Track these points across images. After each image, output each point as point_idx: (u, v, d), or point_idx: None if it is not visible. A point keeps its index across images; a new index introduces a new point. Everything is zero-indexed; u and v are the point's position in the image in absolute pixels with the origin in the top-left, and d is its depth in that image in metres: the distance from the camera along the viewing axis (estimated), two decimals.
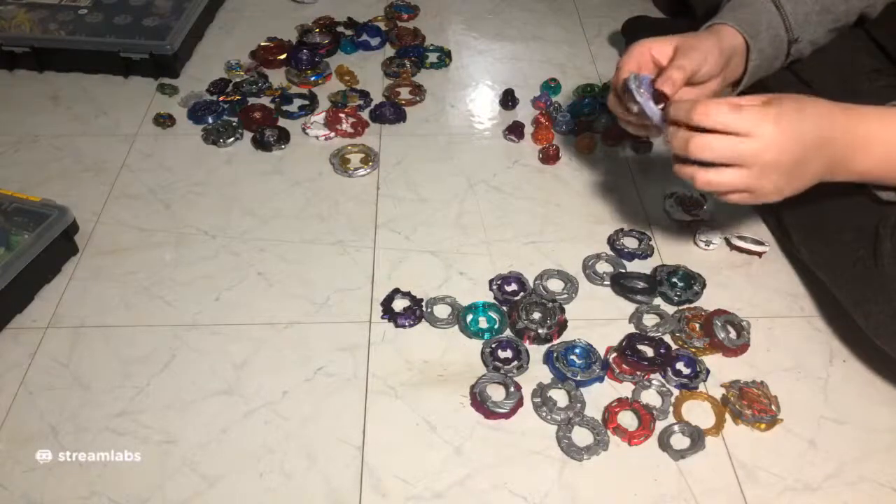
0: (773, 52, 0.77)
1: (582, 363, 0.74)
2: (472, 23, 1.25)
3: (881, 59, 0.84)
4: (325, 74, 1.12)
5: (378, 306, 0.80)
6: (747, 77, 0.77)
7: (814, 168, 0.64)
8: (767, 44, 0.76)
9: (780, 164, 0.62)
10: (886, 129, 0.64)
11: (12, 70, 1.13)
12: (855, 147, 0.64)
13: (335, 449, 0.68)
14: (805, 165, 0.63)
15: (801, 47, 0.78)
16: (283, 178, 0.96)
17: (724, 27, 0.75)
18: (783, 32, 0.76)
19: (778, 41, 0.77)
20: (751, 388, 0.72)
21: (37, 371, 0.74)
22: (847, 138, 0.64)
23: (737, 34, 0.75)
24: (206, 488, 0.65)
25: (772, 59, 0.78)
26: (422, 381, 0.74)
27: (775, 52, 0.77)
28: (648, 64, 0.74)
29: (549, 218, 0.91)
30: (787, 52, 0.78)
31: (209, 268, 0.84)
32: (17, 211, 0.83)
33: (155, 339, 0.77)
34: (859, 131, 0.64)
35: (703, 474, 0.67)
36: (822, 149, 0.63)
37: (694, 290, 0.82)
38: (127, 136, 1.02)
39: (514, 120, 1.03)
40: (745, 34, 0.75)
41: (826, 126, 0.63)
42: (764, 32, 0.76)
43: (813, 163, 0.64)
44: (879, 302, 0.69)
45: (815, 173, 0.65)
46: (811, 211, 0.78)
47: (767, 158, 0.62)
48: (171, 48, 1.09)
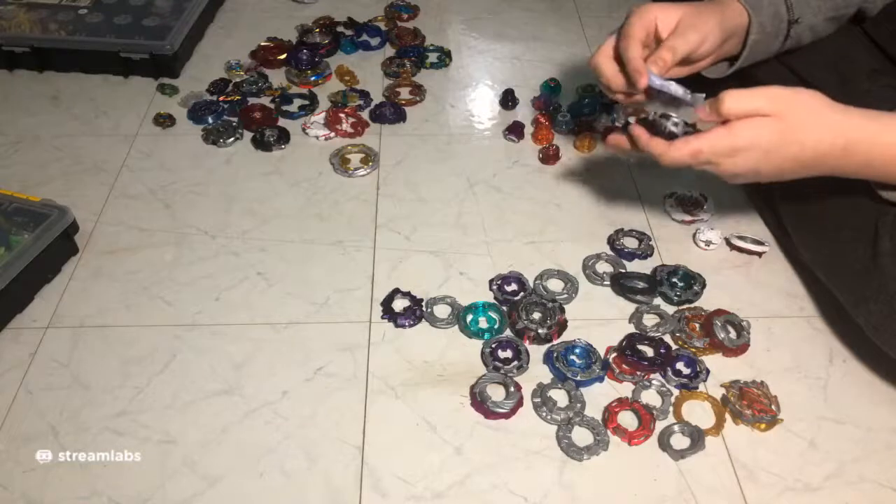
0: (772, 29, 0.77)
1: (582, 363, 0.74)
2: (472, 23, 1.25)
3: (880, 59, 0.84)
4: (325, 74, 1.12)
5: (378, 306, 0.80)
6: (746, 53, 0.76)
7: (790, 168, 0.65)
8: (768, 20, 0.76)
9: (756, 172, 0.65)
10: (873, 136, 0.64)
11: (12, 70, 1.13)
12: (843, 157, 0.64)
13: (335, 449, 0.68)
14: (784, 171, 0.65)
15: (800, 31, 0.78)
16: (283, 178, 0.96)
17: (732, 1, 0.75)
18: (783, 10, 0.76)
19: (778, 19, 0.76)
20: (751, 388, 0.72)
21: (37, 371, 0.74)
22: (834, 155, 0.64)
23: (743, 12, 0.75)
24: (206, 488, 0.65)
25: (771, 37, 0.77)
26: (422, 381, 0.74)
27: (775, 31, 0.77)
28: (652, 34, 0.75)
29: (549, 218, 0.91)
30: (787, 33, 0.77)
31: (209, 268, 0.84)
32: (17, 211, 0.83)
33: (155, 339, 0.77)
34: (857, 156, 0.64)
35: (703, 474, 0.67)
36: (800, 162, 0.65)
37: (694, 290, 0.82)
38: (127, 136, 1.02)
39: (514, 120, 1.03)
40: (747, 6, 0.74)
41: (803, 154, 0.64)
42: (766, 8, 0.75)
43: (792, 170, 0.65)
44: (878, 301, 0.69)
45: (792, 171, 0.66)
46: (810, 209, 0.78)
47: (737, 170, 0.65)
48: (171, 48, 1.09)
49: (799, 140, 0.62)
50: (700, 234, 0.88)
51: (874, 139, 0.62)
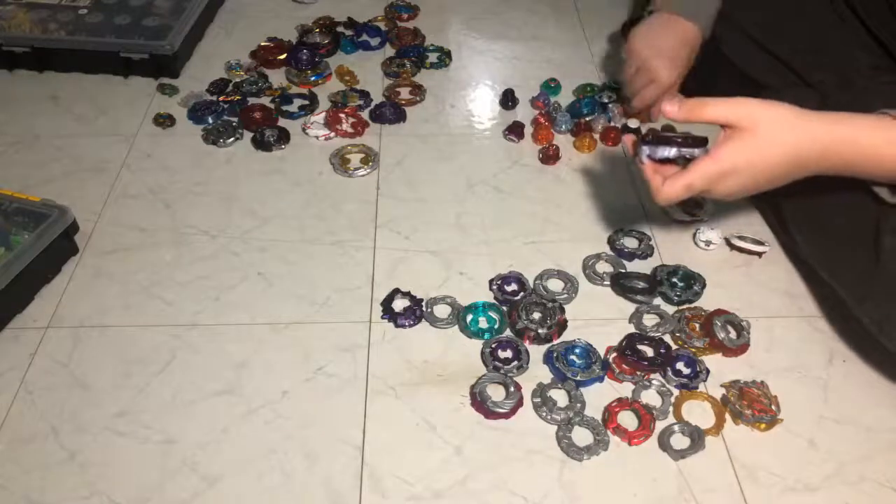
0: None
1: (582, 363, 0.74)
2: (472, 23, 1.25)
3: (881, 55, 0.83)
4: (325, 74, 1.12)
5: (378, 306, 0.80)
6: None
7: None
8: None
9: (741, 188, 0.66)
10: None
11: (12, 70, 1.12)
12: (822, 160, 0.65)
13: (335, 449, 0.68)
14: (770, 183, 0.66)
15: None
16: (283, 178, 0.96)
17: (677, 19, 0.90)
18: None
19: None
20: (751, 388, 0.72)
21: (37, 371, 0.74)
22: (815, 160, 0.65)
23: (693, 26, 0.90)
24: (206, 488, 0.65)
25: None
26: (422, 381, 0.74)
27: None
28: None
29: (549, 218, 0.91)
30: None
31: (209, 268, 0.84)
32: (17, 211, 0.83)
33: (155, 339, 0.77)
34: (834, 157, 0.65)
35: (703, 474, 0.67)
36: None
37: (694, 290, 0.82)
38: (127, 136, 1.02)
39: (514, 120, 1.03)
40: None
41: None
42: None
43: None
44: (881, 300, 0.69)
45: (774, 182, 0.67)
46: (812, 208, 0.78)
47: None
48: (171, 48, 1.09)
49: (776, 151, 0.63)
50: (700, 234, 0.88)
51: (850, 141, 0.63)
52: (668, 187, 0.67)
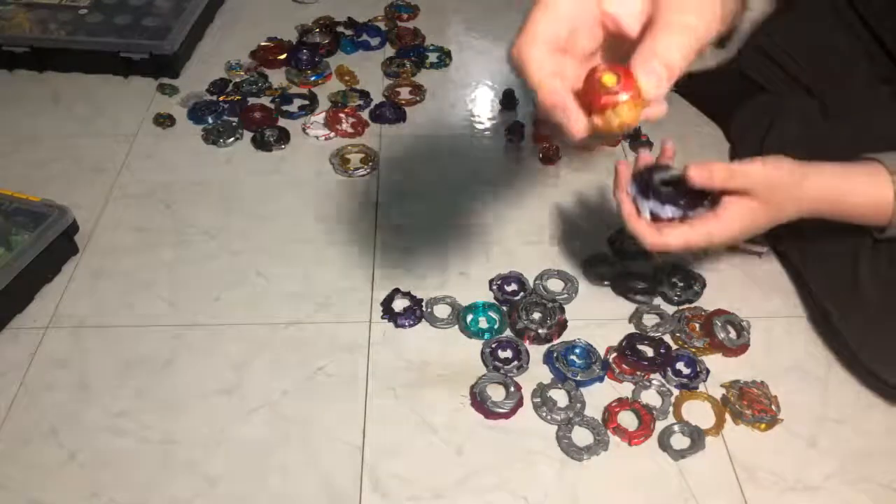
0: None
1: (582, 363, 0.74)
2: (472, 23, 1.25)
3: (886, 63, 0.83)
4: (325, 74, 1.12)
5: (378, 306, 0.80)
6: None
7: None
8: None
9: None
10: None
11: (12, 70, 1.12)
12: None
13: (335, 449, 0.68)
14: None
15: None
16: (283, 178, 0.96)
17: None
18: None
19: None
20: (751, 388, 0.72)
21: (37, 371, 0.74)
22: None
23: None
24: (206, 488, 0.65)
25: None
26: (422, 381, 0.74)
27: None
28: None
29: (548, 218, 0.91)
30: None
31: (209, 268, 0.84)
32: (17, 211, 0.83)
33: (155, 339, 0.77)
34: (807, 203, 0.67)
35: (703, 474, 0.67)
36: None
37: (694, 290, 0.82)
38: (127, 136, 1.02)
39: (514, 120, 1.04)
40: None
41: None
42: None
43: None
44: (860, 325, 0.71)
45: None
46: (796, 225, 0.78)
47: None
48: (171, 48, 1.09)
49: (777, 214, 0.67)
50: None
51: (840, 202, 0.67)
52: (667, 237, 0.64)
